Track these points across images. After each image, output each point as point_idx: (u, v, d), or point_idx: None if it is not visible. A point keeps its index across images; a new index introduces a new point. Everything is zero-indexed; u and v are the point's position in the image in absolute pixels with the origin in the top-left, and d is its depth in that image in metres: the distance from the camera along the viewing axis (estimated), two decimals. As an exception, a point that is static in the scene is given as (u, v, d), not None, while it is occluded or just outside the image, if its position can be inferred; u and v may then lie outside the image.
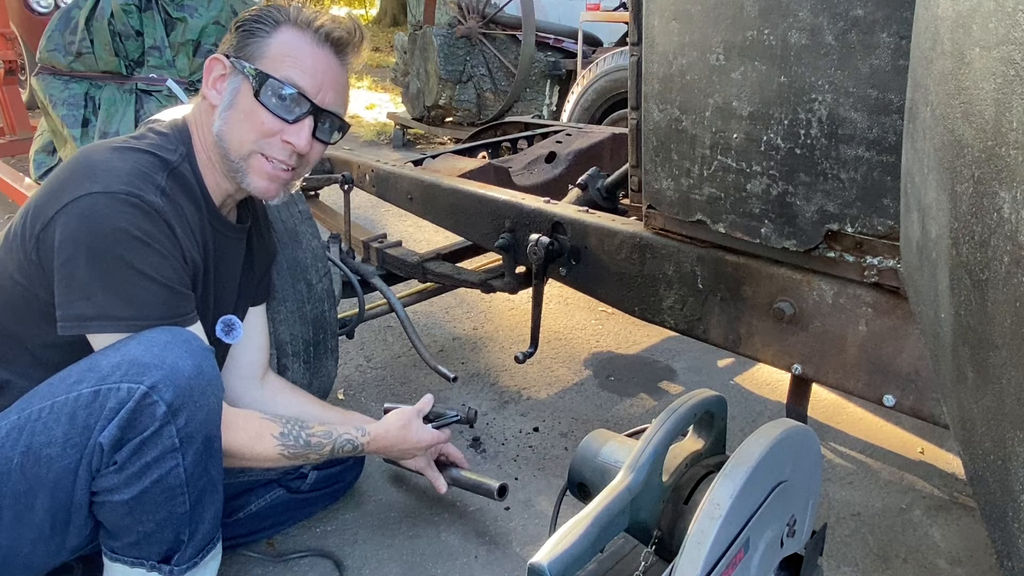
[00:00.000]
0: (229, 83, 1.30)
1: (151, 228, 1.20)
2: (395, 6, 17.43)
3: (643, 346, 2.75)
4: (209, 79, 1.33)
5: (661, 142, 1.53)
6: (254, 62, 1.28)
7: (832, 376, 1.38)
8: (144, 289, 1.19)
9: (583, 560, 1.01)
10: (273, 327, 1.77)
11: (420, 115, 6.19)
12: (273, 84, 1.27)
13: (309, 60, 1.30)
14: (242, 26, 1.30)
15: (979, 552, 1.70)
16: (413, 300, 2.46)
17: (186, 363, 1.17)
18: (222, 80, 1.31)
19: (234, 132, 1.30)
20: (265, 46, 1.29)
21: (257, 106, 1.28)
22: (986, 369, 0.60)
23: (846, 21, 1.18)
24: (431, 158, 2.83)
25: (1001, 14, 0.53)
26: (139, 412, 1.13)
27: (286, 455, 1.38)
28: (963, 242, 0.62)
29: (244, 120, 1.29)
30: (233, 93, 1.29)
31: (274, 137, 1.30)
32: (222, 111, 1.30)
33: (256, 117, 1.28)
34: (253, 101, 1.28)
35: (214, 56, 1.31)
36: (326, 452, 1.44)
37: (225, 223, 1.41)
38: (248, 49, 1.29)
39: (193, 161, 1.33)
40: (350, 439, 1.48)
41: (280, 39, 1.30)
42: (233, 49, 1.31)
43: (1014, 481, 0.57)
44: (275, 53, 1.29)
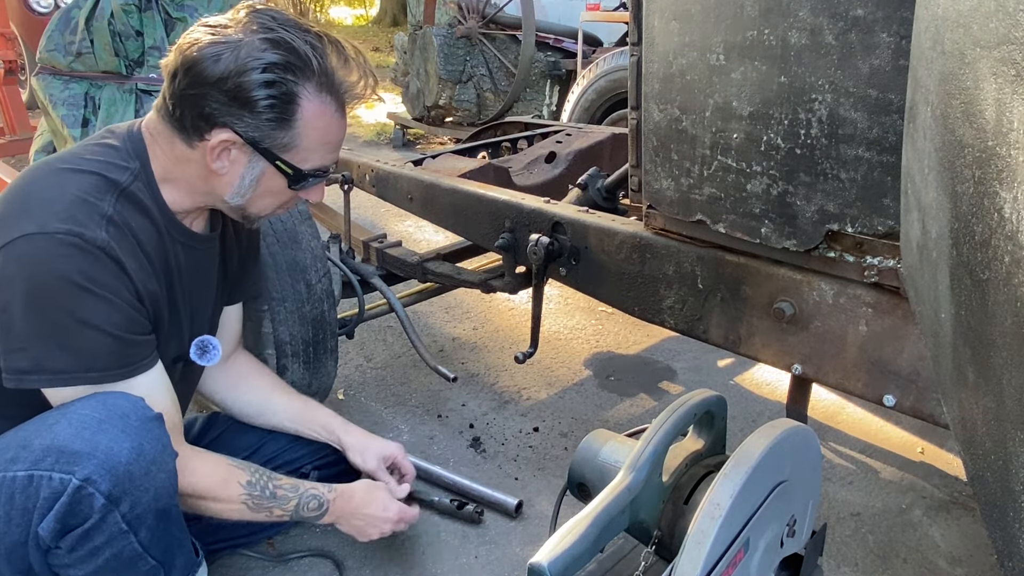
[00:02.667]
0: (248, 166, 1.19)
1: (94, 272, 1.09)
2: (395, 6, 17.43)
3: (643, 346, 2.75)
4: (211, 147, 1.16)
5: (661, 142, 1.53)
6: (284, 154, 1.18)
7: (832, 376, 1.38)
8: (87, 339, 1.10)
9: (583, 560, 1.01)
10: (273, 327, 1.77)
11: (420, 115, 6.19)
12: (310, 180, 1.24)
13: (336, 138, 1.24)
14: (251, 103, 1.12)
15: (979, 552, 1.70)
16: (413, 300, 2.46)
17: (122, 446, 1.08)
18: (227, 152, 1.17)
19: (256, 204, 1.26)
20: (294, 137, 1.17)
21: (288, 192, 1.25)
22: (986, 369, 0.60)
23: (846, 21, 1.18)
24: (431, 158, 2.83)
25: (1001, 14, 0.53)
26: (76, 504, 1.06)
27: (249, 505, 1.31)
28: (963, 242, 0.62)
29: (271, 196, 1.25)
30: (256, 178, 1.21)
31: (295, 198, 1.30)
32: (240, 191, 1.22)
33: (286, 195, 1.26)
34: (285, 188, 1.23)
35: (224, 137, 1.14)
36: (290, 508, 1.36)
37: (192, 235, 1.31)
38: (273, 140, 1.16)
39: (149, 176, 1.21)
40: (316, 495, 1.40)
41: (308, 124, 1.17)
42: (248, 130, 1.14)
43: (1014, 481, 0.57)
44: (307, 144, 1.19)
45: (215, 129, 1.14)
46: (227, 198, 1.23)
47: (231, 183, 1.21)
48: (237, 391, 1.61)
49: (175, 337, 1.34)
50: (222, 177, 1.20)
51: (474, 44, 5.96)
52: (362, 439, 1.61)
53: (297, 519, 1.40)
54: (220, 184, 1.22)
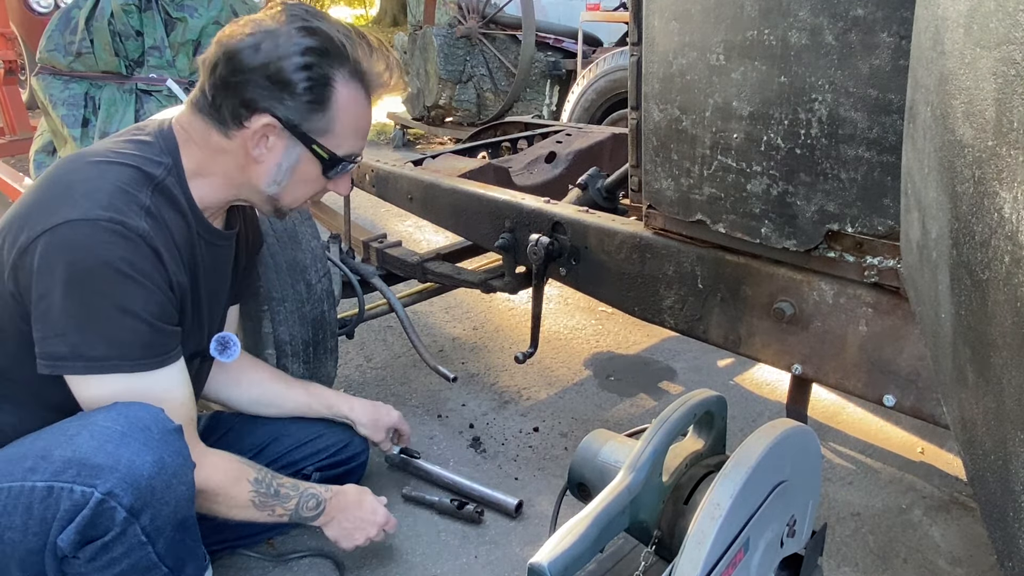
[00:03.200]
0: (286, 151, 1.23)
1: (135, 259, 1.12)
2: (395, 6, 17.43)
3: (643, 346, 2.75)
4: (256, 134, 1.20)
5: (661, 142, 1.53)
6: (319, 138, 1.23)
7: (832, 376, 1.38)
8: (125, 328, 1.12)
9: (583, 560, 1.01)
10: (273, 327, 1.77)
11: (420, 115, 6.19)
12: (344, 165, 1.28)
13: (366, 125, 1.29)
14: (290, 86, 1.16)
15: (979, 552, 1.70)
16: (413, 300, 2.46)
17: (144, 460, 1.08)
18: (265, 138, 1.21)
19: (291, 193, 1.30)
20: (330, 120, 1.22)
21: (322, 178, 1.29)
22: (986, 369, 0.60)
23: (846, 21, 1.18)
24: (431, 158, 2.83)
25: (1001, 14, 0.53)
26: (98, 517, 1.06)
27: (255, 502, 1.34)
28: (963, 242, 0.62)
29: (304, 184, 1.29)
30: (292, 164, 1.25)
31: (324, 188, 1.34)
32: (277, 179, 1.26)
33: (319, 183, 1.30)
34: (319, 176, 1.28)
35: (266, 122, 1.18)
36: (291, 506, 1.39)
37: (215, 232, 1.35)
38: (310, 123, 1.21)
39: (180, 172, 1.25)
40: (315, 494, 1.43)
41: (343, 110, 1.22)
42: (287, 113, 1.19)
43: (1014, 481, 0.57)
44: (341, 129, 1.24)
45: (255, 115, 1.18)
46: (263, 187, 1.26)
47: (268, 171, 1.24)
48: (240, 387, 1.64)
49: (195, 333, 1.36)
50: (260, 165, 1.23)
51: (474, 44, 5.96)
52: (368, 413, 1.73)
53: (295, 519, 1.42)
54: (257, 172, 1.24)
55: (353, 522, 1.49)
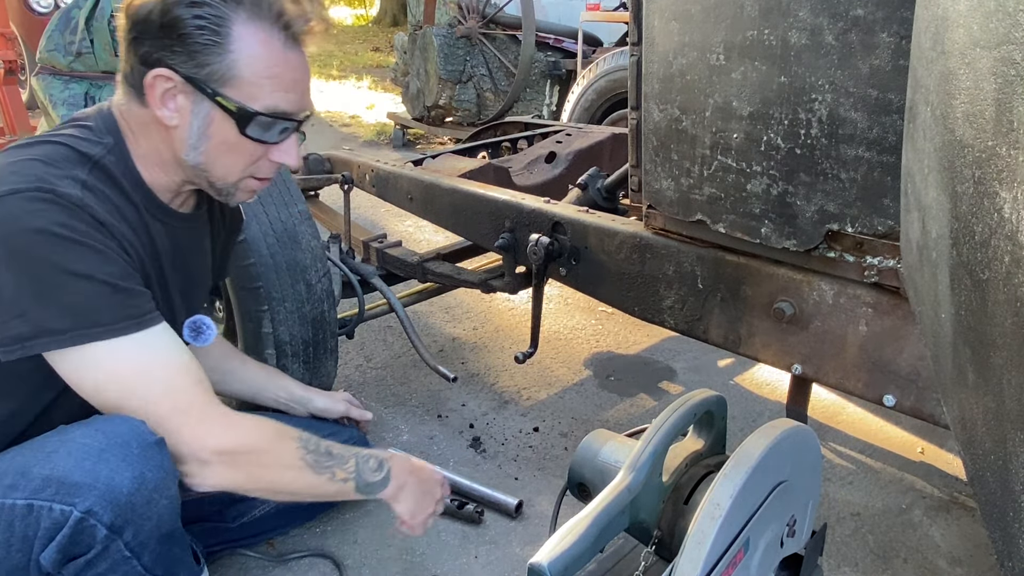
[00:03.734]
0: (194, 110, 1.11)
1: (74, 223, 1.03)
2: (395, 6, 17.43)
3: (643, 346, 2.75)
4: (155, 95, 1.10)
5: (661, 142, 1.53)
6: (223, 87, 1.09)
7: (832, 376, 1.38)
8: (82, 293, 1.03)
9: (583, 560, 1.01)
10: (273, 327, 1.77)
11: (420, 115, 6.19)
12: (261, 121, 1.12)
13: (288, 75, 1.13)
14: (180, 30, 1.05)
15: (979, 552, 1.70)
16: (413, 300, 2.46)
17: (124, 476, 1.04)
18: (172, 98, 1.10)
19: (218, 163, 1.16)
20: (231, 65, 1.08)
21: (242, 140, 1.14)
22: (986, 369, 0.60)
23: (846, 21, 1.18)
24: (431, 158, 2.83)
25: (1001, 14, 0.53)
26: (78, 535, 1.03)
27: (309, 462, 1.19)
28: (963, 242, 0.62)
29: (228, 152, 1.15)
30: (204, 123, 1.12)
31: (263, 159, 1.19)
32: (195, 143, 1.13)
33: (243, 148, 1.15)
34: (237, 135, 1.13)
35: (158, 73, 1.07)
36: (351, 468, 1.23)
37: (170, 212, 1.24)
38: (209, 69, 1.08)
39: (124, 153, 1.15)
40: (372, 454, 1.28)
41: (247, 52, 1.08)
42: (183, 64, 1.07)
43: (1014, 481, 0.57)
44: (249, 75, 1.09)
45: (151, 70, 1.08)
46: (184, 155, 1.14)
47: (182, 136, 1.13)
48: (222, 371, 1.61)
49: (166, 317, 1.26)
50: (175, 131, 1.12)
51: (474, 44, 5.96)
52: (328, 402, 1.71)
53: (362, 488, 1.24)
54: (176, 140, 1.13)
55: (424, 489, 1.32)
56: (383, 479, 1.26)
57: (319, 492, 1.23)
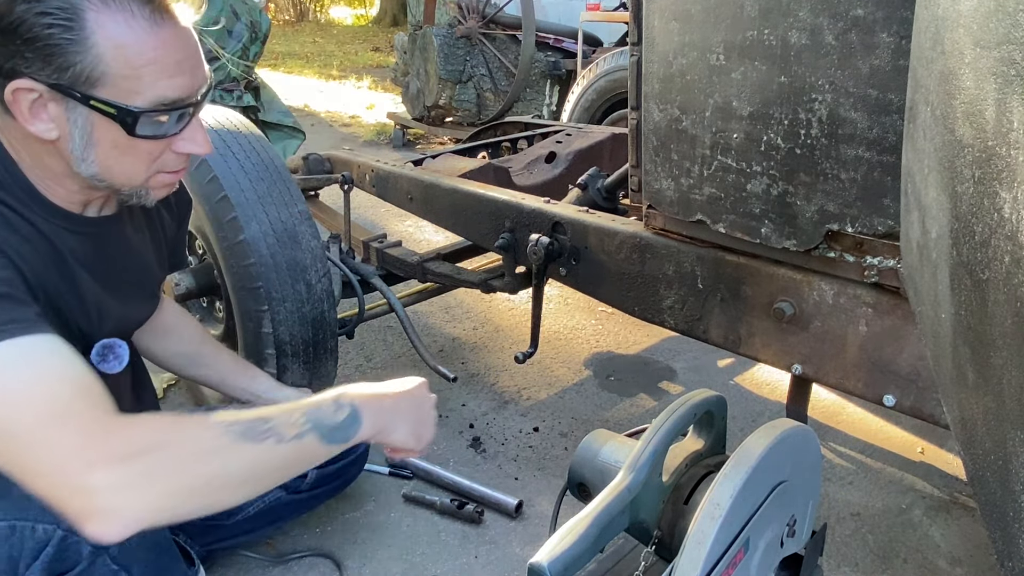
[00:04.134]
0: (71, 119, 0.98)
1: None
2: (395, 6, 17.44)
3: (643, 346, 2.75)
4: (20, 109, 0.96)
5: (661, 142, 1.53)
6: (94, 89, 0.95)
7: (832, 376, 1.38)
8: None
9: (583, 560, 1.01)
10: (273, 327, 1.77)
11: (420, 115, 6.19)
12: (148, 118, 0.99)
13: (168, 56, 0.98)
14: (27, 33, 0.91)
15: (979, 552, 1.70)
16: (413, 300, 2.46)
17: None
18: (43, 108, 0.97)
19: (115, 169, 1.04)
20: (96, 61, 0.94)
21: (134, 141, 1.01)
22: (986, 369, 0.60)
23: (846, 21, 1.18)
24: (431, 158, 2.83)
25: (1001, 14, 0.53)
26: (63, 552, 1.00)
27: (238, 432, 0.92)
28: (963, 242, 0.62)
29: (123, 155, 1.03)
30: (86, 131, 0.99)
31: (167, 152, 1.06)
32: (82, 154, 1.01)
33: (138, 149, 1.03)
34: (127, 138, 1.00)
35: (17, 85, 0.94)
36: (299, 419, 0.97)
37: (91, 221, 1.14)
38: (72, 72, 0.93)
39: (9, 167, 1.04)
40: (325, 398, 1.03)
41: (111, 43, 0.94)
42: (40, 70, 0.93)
43: (1014, 481, 0.57)
44: (120, 69, 0.95)
45: (8, 82, 0.94)
46: (76, 168, 1.02)
47: (64, 150, 1.00)
48: (166, 341, 1.54)
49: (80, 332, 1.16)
50: (58, 144, 1.00)
51: (474, 44, 5.96)
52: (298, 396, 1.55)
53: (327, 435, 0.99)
54: (63, 153, 1.01)
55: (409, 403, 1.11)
56: (351, 416, 1.02)
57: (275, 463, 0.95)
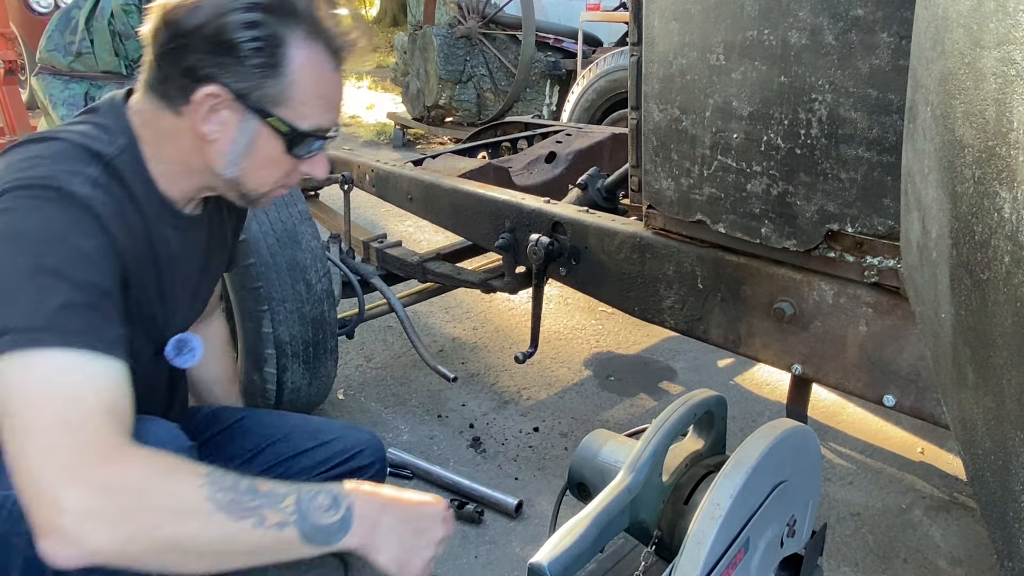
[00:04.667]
0: (240, 127, 1.07)
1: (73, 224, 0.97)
2: (395, 6, 17.42)
3: (643, 346, 2.75)
4: (201, 110, 1.05)
5: (661, 142, 1.53)
6: (276, 108, 1.06)
7: (832, 376, 1.38)
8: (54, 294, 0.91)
9: (583, 560, 1.01)
10: (273, 327, 1.77)
11: (420, 115, 6.19)
12: (309, 141, 1.11)
13: (333, 94, 1.12)
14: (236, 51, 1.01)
15: (979, 552, 1.70)
16: (413, 300, 2.46)
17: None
18: (216, 113, 1.06)
19: (254, 177, 1.14)
20: (286, 87, 1.05)
21: (285, 156, 1.12)
22: (986, 369, 0.60)
23: (846, 21, 1.18)
24: (431, 158, 2.84)
25: (1001, 14, 0.53)
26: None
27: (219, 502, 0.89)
28: (963, 242, 0.62)
29: (267, 167, 1.13)
30: (250, 141, 1.09)
31: (295, 171, 1.17)
32: (235, 159, 1.10)
33: (282, 164, 1.13)
34: (281, 154, 1.11)
35: (211, 91, 1.03)
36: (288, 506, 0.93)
37: (186, 218, 1.20)
38: (263, 91, 1.04)
39: (137, 155, 1.10)
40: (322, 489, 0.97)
41: (301, 74, 1.06)
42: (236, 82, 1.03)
43: (1014, 481, 0.57)
44: (301, 97, 1.07)
45: (200, 85, 1.03)
46: (220, 169, 1.11)
47: (223, 151, 1.09)
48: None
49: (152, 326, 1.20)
50: (213, 144, 1.08)
51: (474, 44, 5.96)
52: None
53: (309, 534, 0.93)
54: (212, 154, 1.10)
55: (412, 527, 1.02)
56: (341, 520, 0.95)
57: (248, 546, 0.91)
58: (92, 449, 0.86)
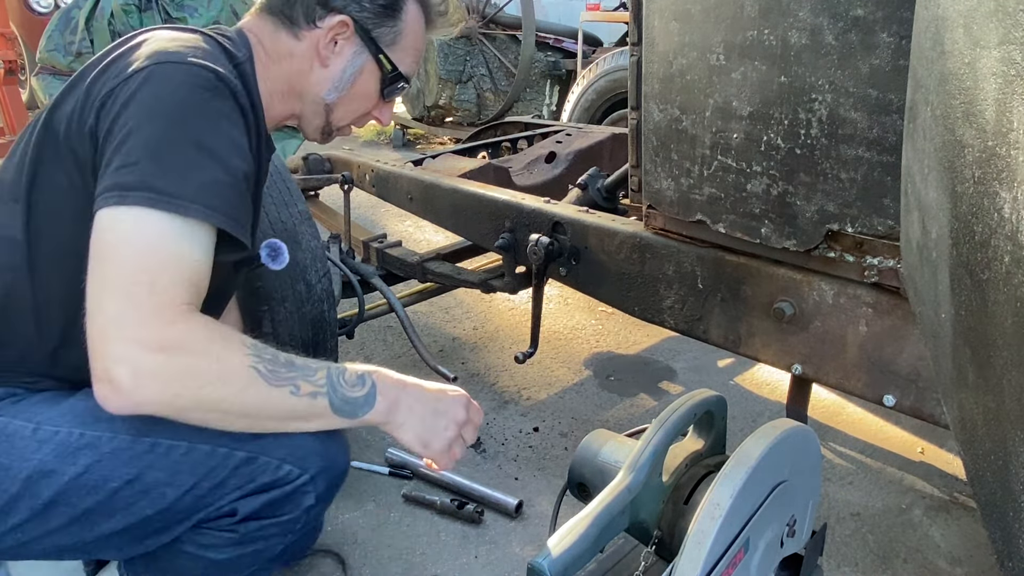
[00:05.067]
0: (353, 57, 1.22)
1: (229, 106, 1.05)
2: (395, 6, 17.39)
3: (643, 346, 2.75)
4: (329, 33, 1.19)
5: (661, 142, 1.53)
6: (387, 48, 1.23)
7: (832, 376, 1.38)
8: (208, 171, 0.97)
9: (583, 560, 1.01)
10: (273, 327, 1.77)
11: (420, 115, 6.20)
12: (400, 82, 1.27)
13: (422, 46, 1.31)
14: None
15: (979, 552, 1.70)
16: (413, 300, 2.46)
17: (342, 459, 1.10)
18: (338, 42, 1.20)
19: (345, 107, 1.27)
20: (400, 31, 1.24)
21: (376, 95, 1.27)
22: (986, 369, 0.60)
23: (846, 21, 1.18)
24: (431, 158, 2.83)
25: (1001, 14, 0.53)
26: (289, 498, 1.05)
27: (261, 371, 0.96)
28: (963, 242, 0.62)
29: (358, 100, 1.27)
30: (356, 72, 1.23)
31: (369, 112, 1.31)
32: (339, 85, 1.23)
33: (370, 99, 1.28)
34: (376, 91, 1.26)
35: (343, 20, 1.18)
36: (320, 380, 1.01)
37: (269, 141, 1.28)
38: (382, 30, 1.22)
39: (253, 71, 1.19)
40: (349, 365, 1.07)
41: (411, 25, 1.25)
42: (366, 19, 1.20)
43: (1014, 481, 0.57)
44: (405, 44, 1.25)
45: (331, 14, 1.19)
46: (324, 93, 1.23)
47: (332, 76, 1.22)
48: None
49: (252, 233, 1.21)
50: (325, 69, 1.22)
51: (474, 44, 5.97)
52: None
53: (339, 405, 1.02)
54: (321, 77, 1.22)
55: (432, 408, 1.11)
56: (366, 395, 1.04)
57: (280, 411, 0.99)
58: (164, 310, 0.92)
